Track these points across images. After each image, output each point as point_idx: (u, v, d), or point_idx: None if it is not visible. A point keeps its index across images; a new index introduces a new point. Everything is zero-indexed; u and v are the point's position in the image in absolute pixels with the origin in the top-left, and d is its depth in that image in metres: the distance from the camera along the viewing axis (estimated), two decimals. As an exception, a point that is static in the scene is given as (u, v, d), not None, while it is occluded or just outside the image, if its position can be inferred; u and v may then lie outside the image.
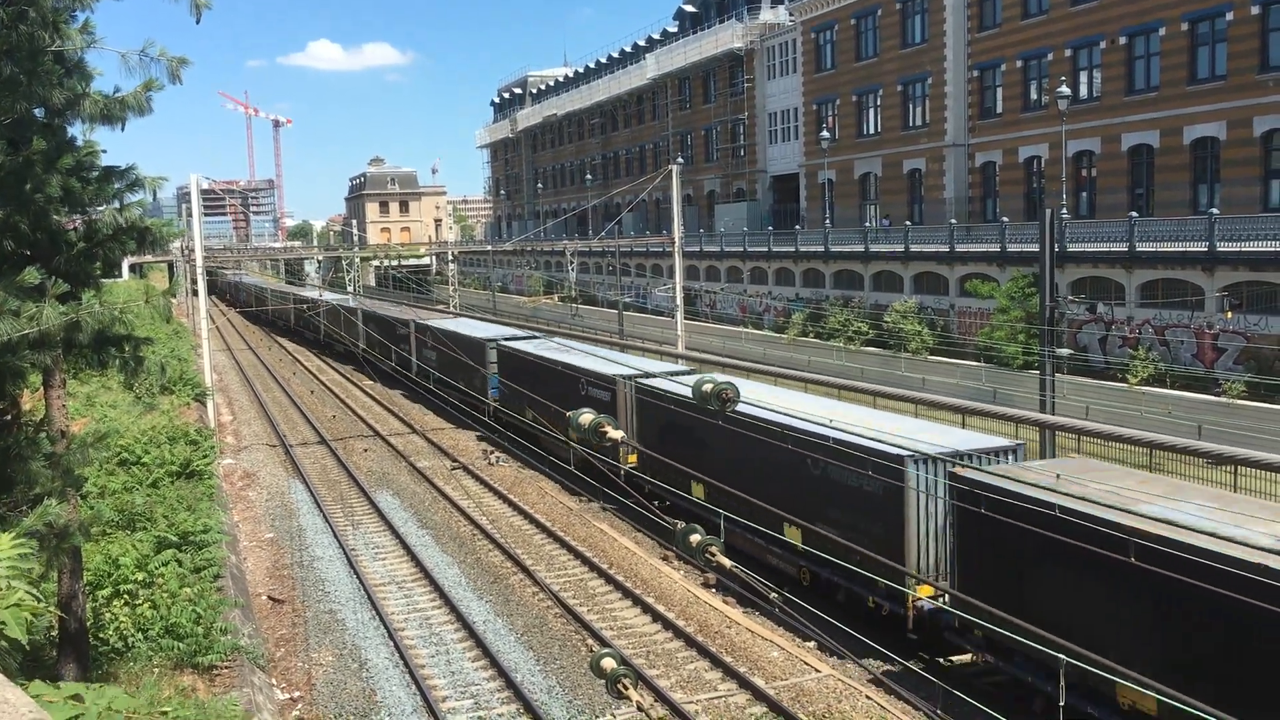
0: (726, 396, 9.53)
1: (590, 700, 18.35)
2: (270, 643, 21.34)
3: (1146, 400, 36.42)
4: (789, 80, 72.22)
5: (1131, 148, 47.36)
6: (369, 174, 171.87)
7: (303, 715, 18.21)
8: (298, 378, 62.30)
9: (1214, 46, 43.63)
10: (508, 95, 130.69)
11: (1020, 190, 53.86)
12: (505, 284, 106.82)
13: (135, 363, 13.49)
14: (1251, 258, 36.58)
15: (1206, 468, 27.60)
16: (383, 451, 40.16)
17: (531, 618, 22.53)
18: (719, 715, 17.67)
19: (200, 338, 45.41)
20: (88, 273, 13.64)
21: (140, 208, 13.76)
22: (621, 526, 29.25)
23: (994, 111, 55.23)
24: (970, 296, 47.94)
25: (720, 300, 69.71)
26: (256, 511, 31.96)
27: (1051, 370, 30.16)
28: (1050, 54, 50.88)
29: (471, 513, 30.41)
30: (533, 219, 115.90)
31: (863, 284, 55.73)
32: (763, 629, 21.44)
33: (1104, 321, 41.84)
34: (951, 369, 44.95)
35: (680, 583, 24.30)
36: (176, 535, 19.17)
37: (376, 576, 25.50)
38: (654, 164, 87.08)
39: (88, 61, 13.03)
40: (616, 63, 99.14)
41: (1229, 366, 36.97)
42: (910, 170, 60.94)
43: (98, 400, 32.59)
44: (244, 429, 45.77)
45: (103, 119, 12.79)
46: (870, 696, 17.99)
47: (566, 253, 71.45)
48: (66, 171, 12.78)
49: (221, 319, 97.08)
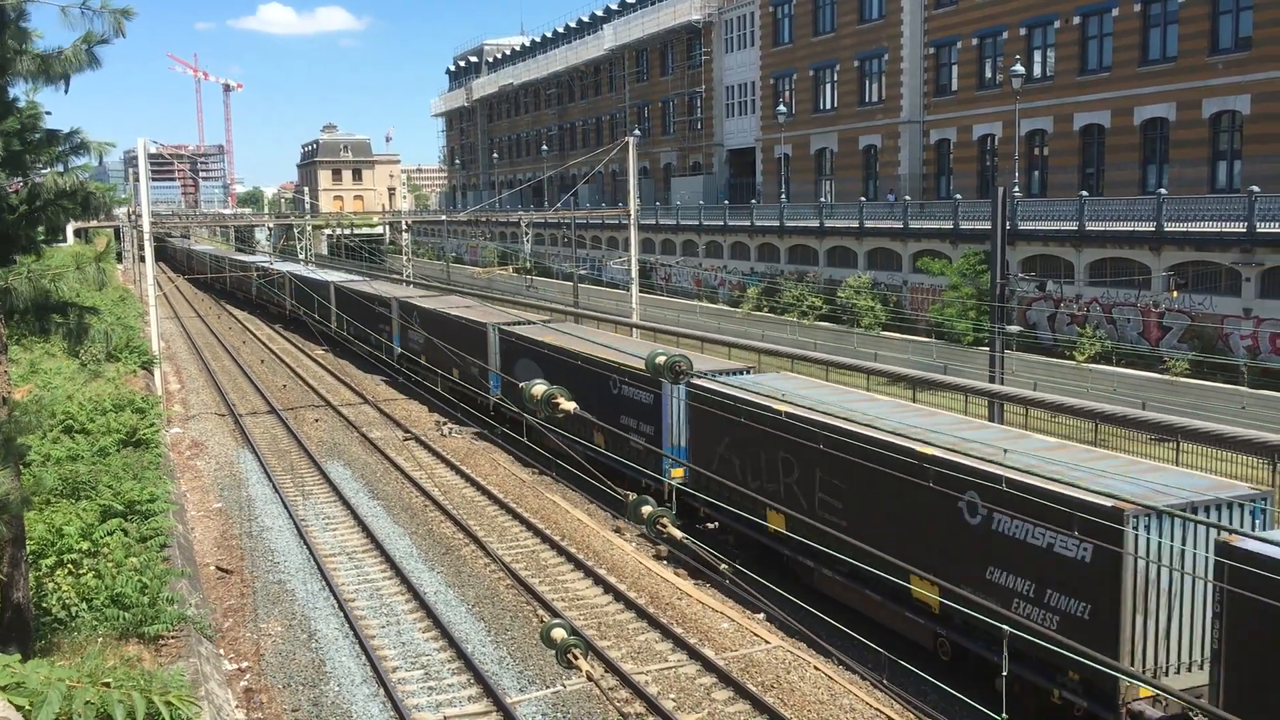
0: (680, 369, 9.53)
1: (541, 670, 18.41)
2: (218, 613, 21.17)
3: (1093, 377, 37.00)
4: (747, 54, 72.10)
5: (1083, 127, 47.87)
6: (322, 141, 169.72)
7: (251, 686, 18.10)
8: (248, 346, 61.57)
9: (1165, 28, 44.13)
10: (464, 64, 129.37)
11: (974, 168, 54.28)
12: (460, 254, 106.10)
13: (79, 330, 13.24)
14: (1197, 238, 37.20)
15: (1150, 443, 28.12)
16: (334, 422, 39.85)
17: (483, 589, 22.53)
18: (669, 686, 17.79)
19: (147, 305, 44.71)
20: (29, 237, 13.34)
21: (85, 171, 13.47)
22: (574, 498, 29.28)
23: (949, 89, 55.54)
24: (923, 273, 48.33)
25: (675, 273, 69.74)
26: (205, 481, 31.63)
27: (1001, 347, 30.57)
28: (1005, 32, 51.20)
29: (424, 483, 30.30)
30: (488, 189, 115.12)
31: (817, 259, 56.00)
32: (714, 601, 21.59)
33: (1053, 299, 42.39)
34: (904, 345, 45.35)
35: (632, 555, 24.40)
36: (122, 504, 18.92)
37: (327, 547, 25.35)
38: (610, 136, 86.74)
39: (30, 17, 12.70)
40: (574, 32, 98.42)
41: (1173, 345, 37.64)
42: (866, 146, 61.19)
43: (41, 367, 32.01)
44: (192, 398, 45.21)
45: (41, 76, 12.47)
46: (819, 668, 18.20)
47: (522, 224, 71.12)
48: (8, 134, 12.47)
49: (169, 286, 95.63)
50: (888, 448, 16.86)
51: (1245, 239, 35.47)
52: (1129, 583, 14.05)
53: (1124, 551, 13.89)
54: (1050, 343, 41.52)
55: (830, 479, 19.69)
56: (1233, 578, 12.15)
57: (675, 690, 17.63)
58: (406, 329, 45.41)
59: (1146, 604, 14.17)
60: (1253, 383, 33.85)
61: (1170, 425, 25.51)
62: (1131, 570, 13.98)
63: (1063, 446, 18.83)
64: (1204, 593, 14.16)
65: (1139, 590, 14.11)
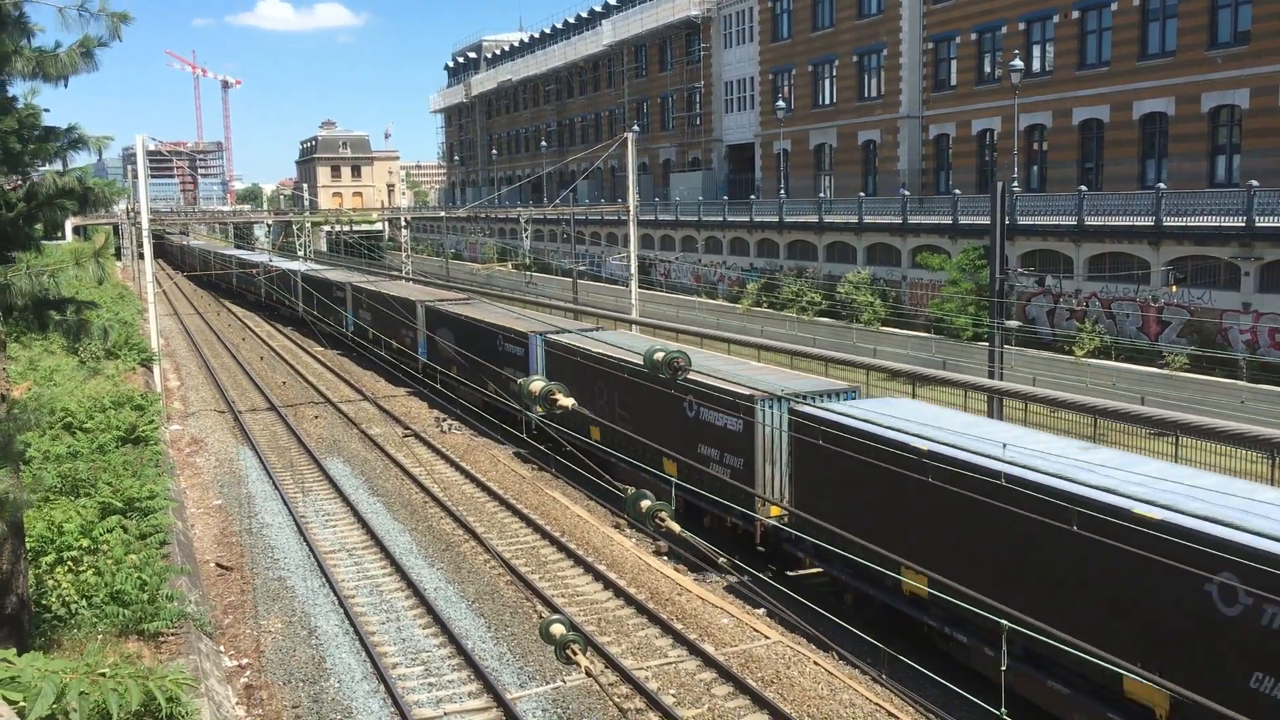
0: (677, 365, 9.52)
1: (541, 666, 18.43)
2: (218, 610, 21.18)
3: (1092, 372, 37.00)
4: (745, 49, 72.04)
5: (1082, 122, 47.84)
6: (320, 137, 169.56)
7: (251, 682, 18.12)
8: (247, 343, 61.56)
9: (1164, 22, 44.09)
10: (462, 60, 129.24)
11: (973, 163, 54.24)
12: (459, 251, 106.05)
13: (78, 327, 13.23)
14: (1196, 233, 37.19)
15: (1149, 438, 28.12)
16: (334, 418, 39.85)
17: (483, 585, 22.54)
18: (669, 681, 17.81)
19: (146, 301, 44.70)
20: (28, 234, 13.33)
21: (83, 170, 13.45)
22: (574, 494, 29.29)
23: (948, 84, 55.49)
24: (922, 268, 48.32)
25: (675, 269, 69.71)
26: (204, 478, 31.63)
27: (1000, 342, 30.54)
28: (1004, 27, 51.16)
29: (423, 480, 30.30)
30: (487, 185, 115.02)
31: (816, 254, 55.98)
32: (713, 596, 21.60)
33: (1052, 294, 42.39)
34: (903, 340, 45.35)
35: (631, 550, 24.41)
36: (121, 501, 18.92)
37: (326, 544, 25.36)
38: (609, 132, 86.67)
39: (29, 17, 12.68)
40: (573, 28, 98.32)
41: (1172, 339, 37.64)
42: (865, 142, 61.14)
43: (40, 364, 32.02)
44: (192, 395, 45.20)
45: (35, 76, 12.45)
46: (819, 663, 18.22)
47: (521, 220, 71.11)
48: (7, 131, 12.45)
49: (168, 283, 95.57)
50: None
51: (1244, 233, 35.46)
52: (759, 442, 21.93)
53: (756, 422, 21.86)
54: (1049, 338, 41.52)
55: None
56: (793, 428, 20.85)
57: (675, 686, 17.65)
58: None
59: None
60: (1252, 377, 33.85)
61: (1169, 420, 25.50)
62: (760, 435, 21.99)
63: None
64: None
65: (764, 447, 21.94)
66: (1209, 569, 12.66)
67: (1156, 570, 13.08)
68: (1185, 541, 12.51)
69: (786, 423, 21.66)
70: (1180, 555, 12.64)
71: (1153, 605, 13.61)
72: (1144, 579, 13.50)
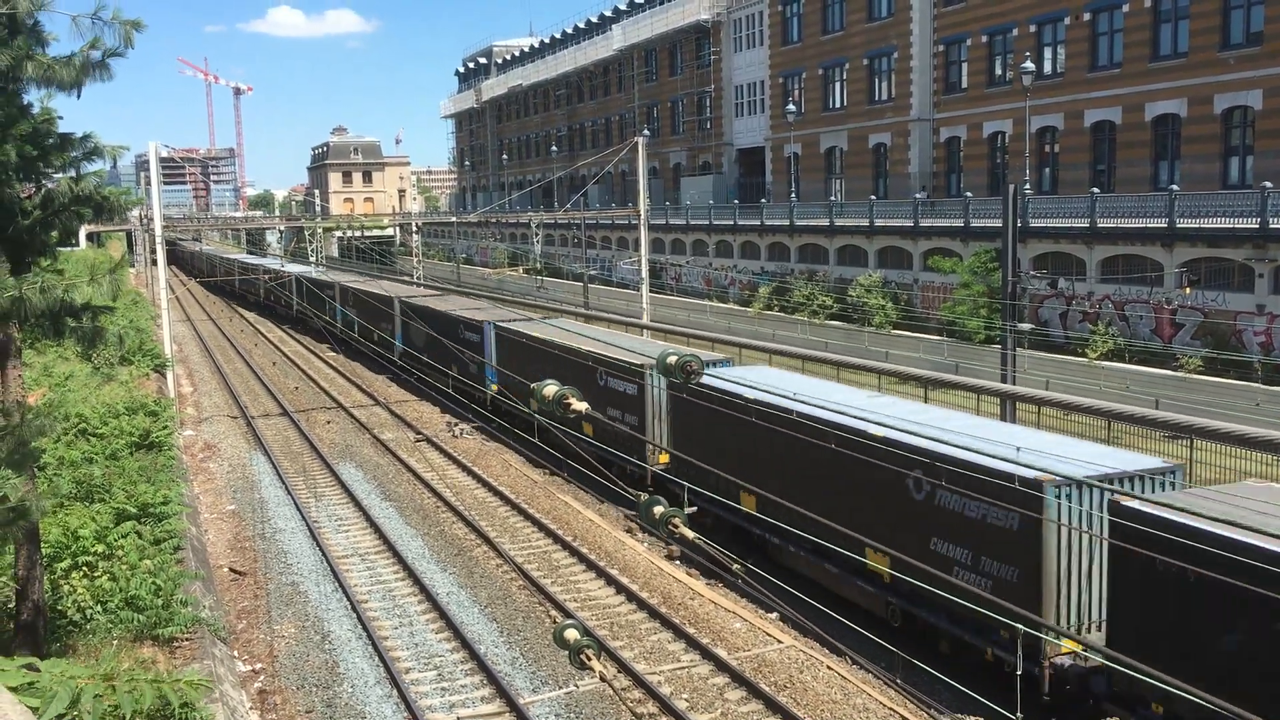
0: (690, 369, 9.51)
1: (554, 671, 18.43)
2: (232, 615, 21.24)
3: (1105, 375, 36.87)
4: (755, 53, 72.03)
5: (1094, 124, 47.69)
6: (332, 143, 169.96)
7: (265, 687, 18.16)
8: (260, 349, 61.75)
9: (1176, 23, 43.93)
10: (473, 65, 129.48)
11: (984, 165, 54.12)
12: (470, 255, 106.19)
13: (94, 333, 13.28)
14: (1210, 234, 37.03)
15: (1163, 440, 28.00)
16: (346, 423, 39.94)
17: (495, 590, 22.56)
18: (682, 686, 17.79)
19: (160, 307, 44.88)
20: (43, 242, 13.40)
21: (98, 177, 13.52)
22: (585, 499, 29.30)
23: (959, 86, 55.38)
24: (933, 271, 48.21)
25: (685, 273, 69.69)
26: (218, 483, 31.72)
27: (1013, 345, 30.45)
28: (1015, 29, 51.04)
29: (435, 485, 30.35)
30: (498, 190, 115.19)
31: (828, 258, 55.91)
32: (726, 601, 21.58)
33: (1065, 297, 42.25)
34: (915, 343, 45.25)
35: (644, 555, 24.40)
36: (136, 507, 18.99)
37: (339, 549, 25.41)
38: (620, 136, 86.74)
39: (42, 25, 12.75)
40: (583, 33, 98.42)
41: (1186, 342, 37.48)
42: (876, 145, 61.05)
43: (55, 370, 32.16)
44: (205, 400, 45.35)
45: (45, 83, 12.51)
46: (832, 667, 18.18)
47: (532, 224, 71.16)
48: (22, 138, 12.52)
49: (181, 289, 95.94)
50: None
51: (1258, 235, 35.29)
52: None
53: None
54: (1062, 340, 41.39)
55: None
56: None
57: (688, 691, 17.63)
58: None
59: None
60: (1266, 379, 33.69)
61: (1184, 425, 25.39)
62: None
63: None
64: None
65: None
66: (907, 468, 18.01)
67: (880, 472, 18.40)
68: (895, 450, 17.40)
69: (665, 385, 26.86)
70: (893, 460, 17.75)
71: (878, 496, 18.99)
72: (874, 478, 18.77)
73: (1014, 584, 16.33)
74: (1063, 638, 15.74)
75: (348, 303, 56.96)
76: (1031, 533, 15.93)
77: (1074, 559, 16.01)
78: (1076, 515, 16.06)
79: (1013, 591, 16.18)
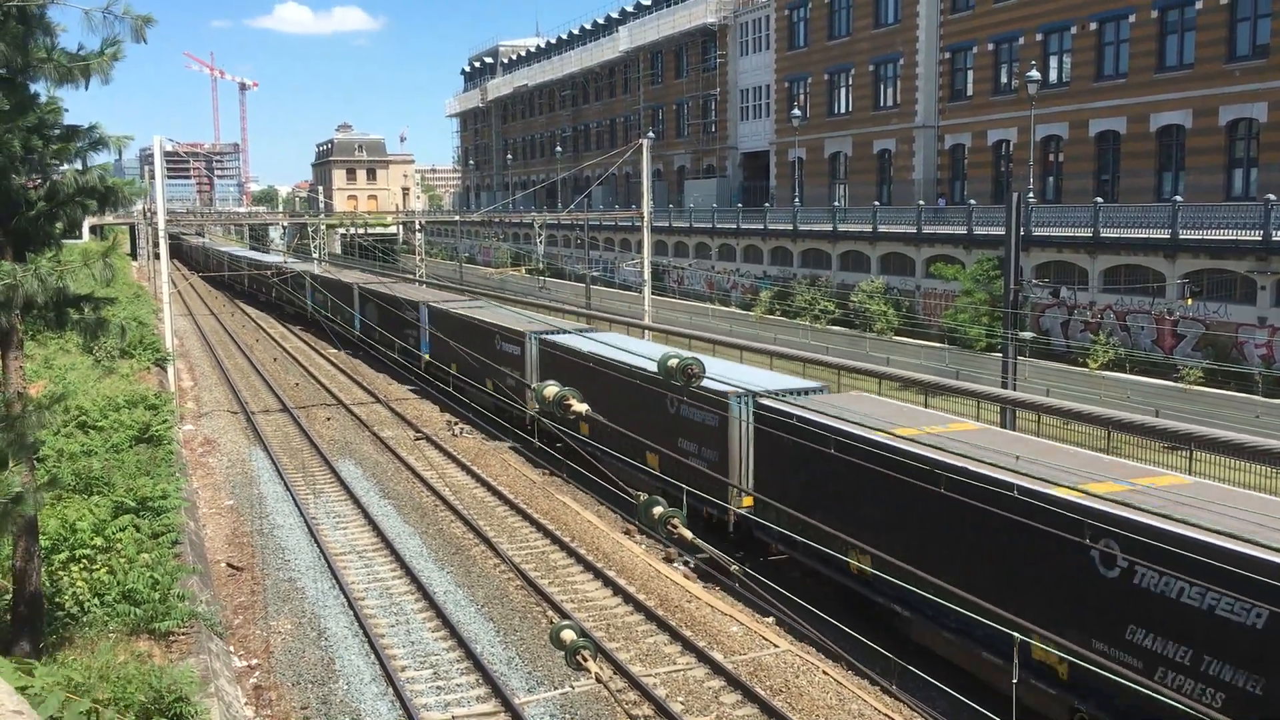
0: (692, 372, 9.52)
1: (550, 671, 18.42)
2: (229, 610, 21.23)
3: (1106, 384, 36.86)
4: (761, 57, 72.07)
5: (1099, 134, 47.72)
6: (336, 140, 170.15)
7: (260, 683, 18.15)
8: (260, 344, 61.75)
9: (1183, 35, 43.97)
10: (479, 64, 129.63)
11: (988, 173, 54.16)
12: (473, 255, 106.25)
13: (96, 324, 13.29)
14: (1213, 246, 37.03)
15: (1164, 451, 28.00)
16: (346, 420, 39.94)
17: (492, 589, 22.55)
18: (677, 688, 17.78)
19: (161, 302, 44.89)
20: (48, 233, 13.41)
21: (103, 169, 13.52)
22: (584, 500, 29.29)
23: (964, 94, 55.42)
24: (936, 278, 48.23)
25: (688, 276, 69.71)
26: (216, 478, 31.73)
27: (1014, 353, 30.46)
28: (1021, 37, 51.08)
29: (434, 483, 30.34)
30: (501, 190, 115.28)
31: (830, 263, 55.92)
32: (723, 604, 21.57)
33: (1067, 306, 42.25)
34: (916, 350, 45.26)
35: (641, 556, 24.39)
36: (135, 500, 19.00)
37: (337, 545, 25.41)
38: (625, 138, 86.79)
39: (51, 17, 12.77)
40: (589, 34, 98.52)
41: (1188, 352, 37.48)
42: (880, 150, 61.09)
43: (55, 363, 32.18)
44: (205, 395, 45.35)
45: (63, 81, 12.53)
46: (827, 672, 18.17)
47: (535, 225, 71.18)
48: (28, 129, 12.53)
49: (184, 283, 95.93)
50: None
51: (1261, 247, 35.30)
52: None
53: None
54: (1064, 349, 41.39)
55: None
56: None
57: (684, 693, 17.62)
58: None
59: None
60: (1267, 391, 33.69)
61: (1185, 433, 25.38)
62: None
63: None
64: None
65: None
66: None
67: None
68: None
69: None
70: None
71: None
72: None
73: (716, 461, 24.33)
74: (742, 494, 23.42)
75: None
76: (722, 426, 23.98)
77: (746, 443, 23.66)
78: (746, 414, 23.52)
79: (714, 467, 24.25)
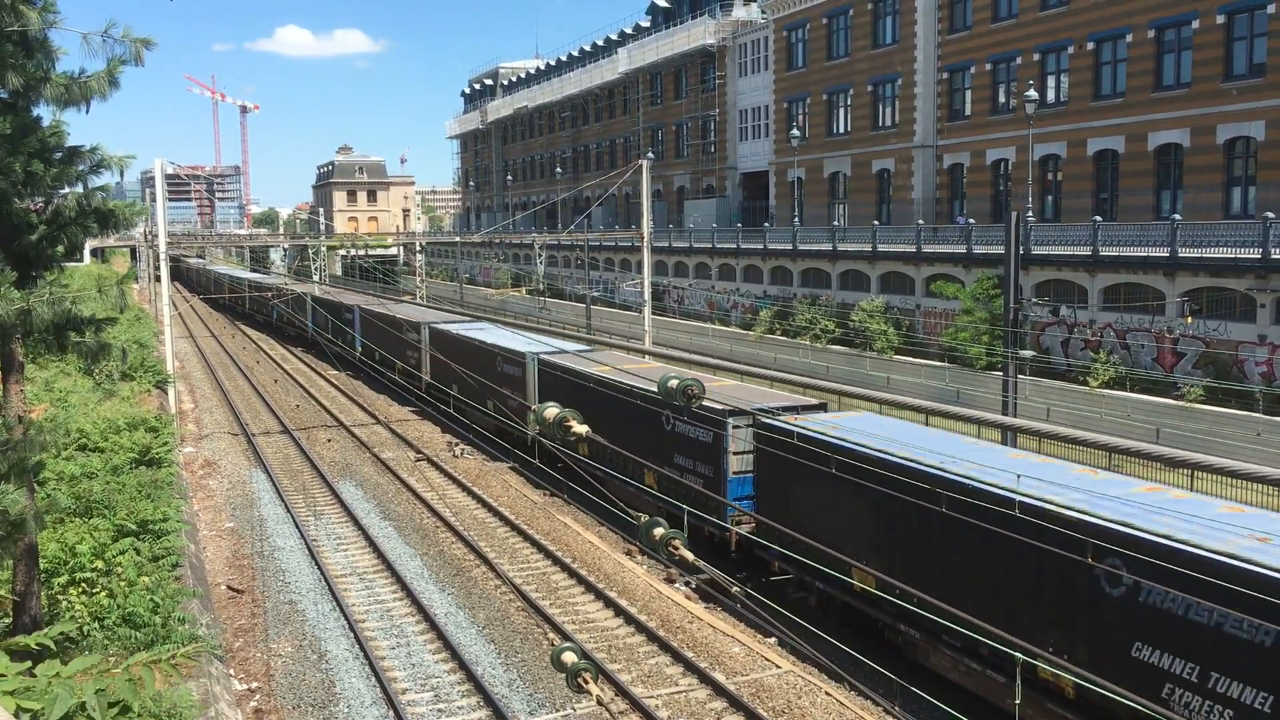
0: (692, 393, 9.53)
1: (551, 694, 18.35)
2: (229, 633, 21.17)
3: (1107, 403, 36.84)
4: (760, 78, 72.37)
5: (1097, 152, 47.86)
6: (337, 162, 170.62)
7: (261, 706, 18.08)
8: (261, 366, 61.78)
9: (1180, 54, 44.17)
10: (479, 86, 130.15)
11: (987, 192, 54.29)
12: (473, 276, 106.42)
13: (98, 348, 13.29)
14: (1212, 264, 37.08)
15: (1165, 471, 27.93)
16: (346, 442, 39.91)
17: (493, 610, 22.49)
18: (679, 710, 17.71)
19: (162, 324, 44.93)
20: (49, 256, 13.43)
21: (105, 191, 13.55)
22: (585, 520, 29.23)
23: (963, 114, 55.62)
24: (936, 297, 48.28)
25: (688, 296, 69.80)
26: (217, 500, 31.68)
27: (1014, 372, 30.47)
28: (1019, 57, 51.30)
29: (435, 504, 30.29)
30: (502, 211, 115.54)
31: (830, 282, 55.98)
32: (724, 625, 21.51)
33: (1066, 324, 42.28)
34: (916, 369, 45.26)
35: (643, 577, 24.33)
36: (135, 523, 18.96)
37: (338, 567, 25.35)
38: (624, 158, 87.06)
39: (52, 41, 12.83)
40: (588, 56, 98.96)
41: (1188, 371, 37.47)
42: (879, 170, 61.26)
43: (56, 385, 32.18)
44: (205, 417, 45.35)
45: (64, 103, 12.58)
46: (830, 693, 18.10)
47: (535, 245, 71.37)
48: (30, 153, 12.56)
49: (184, 306, 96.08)
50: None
51: (1260, 265, 35.34)
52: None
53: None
54: (1064, 368, 41.38)
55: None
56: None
57: (686, 715, 17.55)
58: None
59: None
60: (1268, 410, 33.65)
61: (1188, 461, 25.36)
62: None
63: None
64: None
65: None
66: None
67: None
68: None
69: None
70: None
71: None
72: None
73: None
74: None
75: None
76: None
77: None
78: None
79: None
